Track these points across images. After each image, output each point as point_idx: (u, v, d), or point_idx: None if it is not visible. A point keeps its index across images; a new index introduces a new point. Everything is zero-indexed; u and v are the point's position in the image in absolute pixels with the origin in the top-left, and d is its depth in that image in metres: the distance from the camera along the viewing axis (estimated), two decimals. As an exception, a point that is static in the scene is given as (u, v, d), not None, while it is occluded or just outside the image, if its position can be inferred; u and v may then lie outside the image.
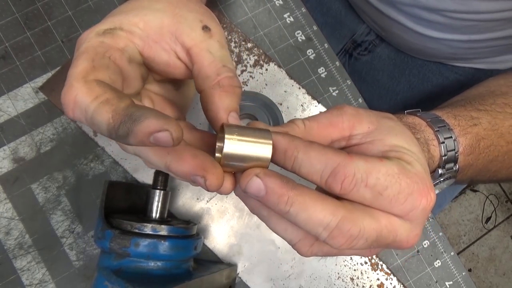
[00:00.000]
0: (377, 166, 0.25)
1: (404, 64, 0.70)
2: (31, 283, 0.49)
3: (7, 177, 0.50)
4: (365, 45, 0.72)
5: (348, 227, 0.25)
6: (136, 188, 0.47)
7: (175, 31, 0.30)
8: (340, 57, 0.73)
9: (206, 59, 0.29)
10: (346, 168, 0.25)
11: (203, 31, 0.30)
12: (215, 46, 0.30)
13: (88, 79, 0.26)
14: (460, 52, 0.62)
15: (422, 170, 0.27)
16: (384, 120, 0.30)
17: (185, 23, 0.30)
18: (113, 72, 0.28)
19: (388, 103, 0.70)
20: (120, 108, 0.24)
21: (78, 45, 0.29)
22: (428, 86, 0.68)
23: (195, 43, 0.30)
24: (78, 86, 0.25)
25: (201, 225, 0.50)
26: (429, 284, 0.51)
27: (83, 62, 0.27)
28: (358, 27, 0.72)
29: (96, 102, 0.24)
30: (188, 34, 0.30)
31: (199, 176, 0.26)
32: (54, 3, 0.54)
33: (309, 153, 0.25)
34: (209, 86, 0.29)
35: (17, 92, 0.52)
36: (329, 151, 0.26)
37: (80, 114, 0.25)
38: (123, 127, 0.23)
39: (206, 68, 0.29)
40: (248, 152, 0.25)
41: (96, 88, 0.25)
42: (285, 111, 0.52)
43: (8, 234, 0.49)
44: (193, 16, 0.30)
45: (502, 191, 1.55)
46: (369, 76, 0.72)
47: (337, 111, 0.30)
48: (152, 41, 0.30)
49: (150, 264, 0.39)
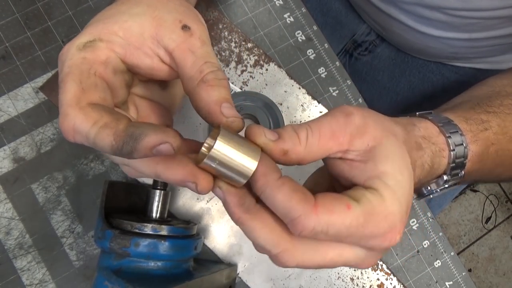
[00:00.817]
0: (341, 217, 0.25)
1: (405, 64, 0.70)
2: (31, 283, 0.49)
3: (7, 177, 0.50)
4: (365, 45, 0.72)
5: (285, 259, 0.26)
6: (136, 188, 0.47)
7: (156, 35, 0.30)
8: (340, 57, 0.73)
9: (189, 60, 0.29)
10: (306, 221, 0.25)
11: (183, 31, 0.30)
12: (196, 45, 0.30)
13: (81, 105, 0.26)
14: (461, 51, 0.62)
15: (395, 209, 0.27)
16: (387, 139, 0.29)
17: (164, 25, 0.30)
18: (102, 90, 0.28)
19: (389, 103, 0.70)
20: (120, 130, 0.25)
21: (60, 62, 0.29)
22: (428, 86, 0.68)
23: (177, 44, 0.29)
24: (74, 114, 0.26)
25: (201, 225, 0.50)
26: (429, 284, 0.51)
27: (71, 85, 0.27)
28: (358, 27, 0.72)
29: (95, 128, 0.25)
30: (169, 37, 0.29)
31: (190, 182, 0.26)
32: (54, 3, 0.54)
33: (276, 195, 0.25)
34: (194, 86, 0.29)
35: (17, 92, 0.52)
36: (295, 198, 0.25)
37: (81, 139, 0.26)
38: (126, 147, 0.25)
39: (189, 69, 0.29)
40: (229, 164, 0.25)
41: (92, 113, 0.26)
42: (285, 111, 0.52)
43: (8, 234, 0.49)
44: (172, 17, 0.30)
45: (502, 191, 1.55)
46: (369, 76, 0.72)
47: (344, 118, 0.28)
48: (133, 48, 0.30)
49: (150, 264, 0.39)
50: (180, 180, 0.27)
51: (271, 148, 0.27)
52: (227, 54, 0.53)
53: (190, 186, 0.27)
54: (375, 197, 0.26)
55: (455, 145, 0.34)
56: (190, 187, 0.27)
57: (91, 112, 0.26)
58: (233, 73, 0.52)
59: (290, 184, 0.26)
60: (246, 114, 0.49)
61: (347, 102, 0.54)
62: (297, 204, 0.25)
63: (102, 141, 0.25)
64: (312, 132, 0.28)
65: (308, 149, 0.28)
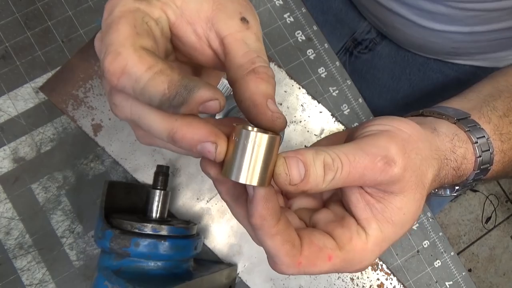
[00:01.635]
0: (320, 268, 0.28)
1: (405, 62, 0.70)
2: (31, 283, 0.49)
3: (7, 177, 0.50)
4: (365, 43, 0.72)
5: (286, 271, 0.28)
6: (136, 188, 0.47)
7: (212, 18, 0.29)
8: (340, 56, 0.73)
9: (241, 49, 0.28)
10: (287, 270, 0.27)
11: (241, 22, 0.29)
12: (252, 38, 0.29)
13: (136, 46, 0.24)
14: (462, 46, 0.62)
15: (373, 256, 0.29)
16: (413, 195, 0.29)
17: (224, 11, 0.29)
18: (154, 41, 0.27)
19: (389, 102, 0.70)
20: (175, 79, 0.24)
21: (109, 9, 0.27)
22: (428, 84, 0.68)
23: (231, 32, 0.28)
24: (127, 53, 0.24)
25: (201, 225, 0.50)
26: (429, 284, 0.51)
27: (125, 27, 0.25)
28: (358, 25, 0.72)
29: (150, 72, 0.24)
30: (226, 23, 0.28)
31: (210, 143, 0.25)
32: (54, 3, 0.54)
33: (267, 241, 0.27)
34: (243, 74, 0.27)
35: (17, 92, 0.52)
36: (283, 251, 0.27)
37: (127, 83, 0.24)
38: (179, 97, 0.23)
39: (240, 57, 0.28)
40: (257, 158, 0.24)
41: (147, 57, 0.24)
42: (285, 111, 0.52)
43: (8, 234, 0.49)
44: (233, 7, 0.29)
45: (502, 191, 1.55)
46: (369, 75, 0.72)
47: (383, 165, 0.27)
48: (185, 21, 0.29)
49: (150, 264, 0.39)
50: (198, 140, 0.25)
51: (289, 189, 0.26)
52: (227, 54, 0.53)
53: (209, 148, 0.25)
54: (361, 241, 0.28)
55: (481, 167, 0.34)
56: (208, 149, 0.25)
57: (146, 56, 0.24)
58: (233, 73, 0.52)
59: (283, 236, 0.26)
60: (246, 114, 0.49)
61: (347, 102, 0.54)
62: (284, 257, 0.27)
63: (154, 88, 0.23)
64: (342, 171, 0.26)
65: (328, 187, 0.27)
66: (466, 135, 0.35)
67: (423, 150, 0.29)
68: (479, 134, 0.35)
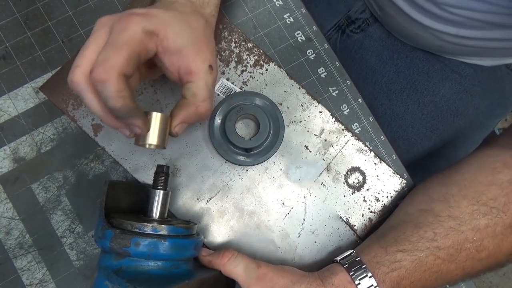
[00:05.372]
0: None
1: (394, 47, 0.71)
2: (31, 283, 0.49)
3: (8, 177, 0.50)
4: (358, 22, 0.73)
5: None
6: (136, 188, 0.47)
7: (188, 59, 0.40)
8: (332, 33, 0.74)
9: (202, 86, 0.41)
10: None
11: (208, 68, 0.41)
12: (211, 81, 0.41)
13: (121, 74, 0.36)
14: (448, 47, 0.64)
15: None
16: None
17: (199, 56, 0.41)
18: (135, 67, 0.38)
19: (373, 85, 0.70)
20: (128, 105, 0.37)
21: (120, 27, 0.37)
22: (413, 72, 0.69)
23: (199, 71, 0.40)
24: (114, 77, 0.35)
25: (201, 225, 0.50)
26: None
27: (124, 53, 0.36)
28: (354, 3, 0.73)
29: (118, 93, 0.35)
30: (198, 65, 0.40)
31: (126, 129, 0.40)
32: (54, 3, 0.54)
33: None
34: (191, 102, 0.41)
35: (18, 92, 0.52)
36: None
37: (101, 88, 0.35)
38: (121, 114, 0.37)
39: (198, 96, 0.41)
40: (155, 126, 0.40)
41: (122, 84, 0.36)
42: (285, 111, 0.52)
43: (9, 234, 0.49)
44: (206, 56, 0.41)
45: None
46: (358, 55, 0.72)
47: None
48: (168, 53, 0.40)
49: (151, 264, 0.39)
50: (114, 126, 0.40)
51: None
52: (227, 54, 0.53)
53: (123, 132, 0.41)
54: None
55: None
56: (123, 132, 0.41)
57: (122, 83, 0.36)
58: (233, 73, 0.53)
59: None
60: (246, 114, 0.49)
61: (347, 102, 0.54)
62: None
63: (114, 101, 0.36)
64: None
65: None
66: (351, 278, 0.41)
67: None
68: (360, 275, 0.41)
